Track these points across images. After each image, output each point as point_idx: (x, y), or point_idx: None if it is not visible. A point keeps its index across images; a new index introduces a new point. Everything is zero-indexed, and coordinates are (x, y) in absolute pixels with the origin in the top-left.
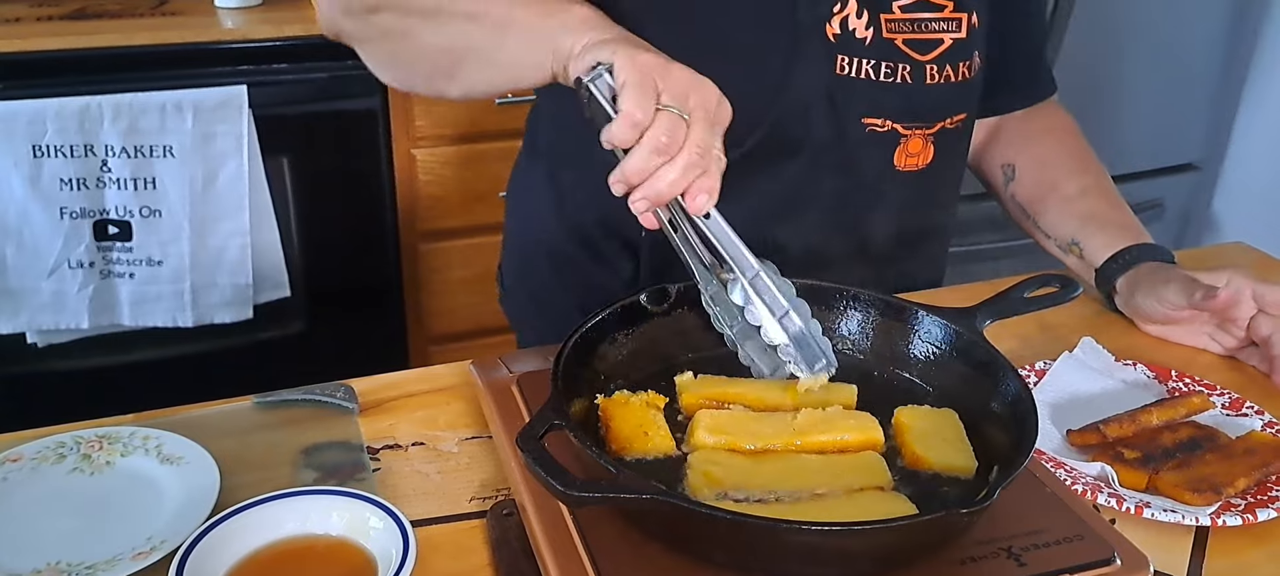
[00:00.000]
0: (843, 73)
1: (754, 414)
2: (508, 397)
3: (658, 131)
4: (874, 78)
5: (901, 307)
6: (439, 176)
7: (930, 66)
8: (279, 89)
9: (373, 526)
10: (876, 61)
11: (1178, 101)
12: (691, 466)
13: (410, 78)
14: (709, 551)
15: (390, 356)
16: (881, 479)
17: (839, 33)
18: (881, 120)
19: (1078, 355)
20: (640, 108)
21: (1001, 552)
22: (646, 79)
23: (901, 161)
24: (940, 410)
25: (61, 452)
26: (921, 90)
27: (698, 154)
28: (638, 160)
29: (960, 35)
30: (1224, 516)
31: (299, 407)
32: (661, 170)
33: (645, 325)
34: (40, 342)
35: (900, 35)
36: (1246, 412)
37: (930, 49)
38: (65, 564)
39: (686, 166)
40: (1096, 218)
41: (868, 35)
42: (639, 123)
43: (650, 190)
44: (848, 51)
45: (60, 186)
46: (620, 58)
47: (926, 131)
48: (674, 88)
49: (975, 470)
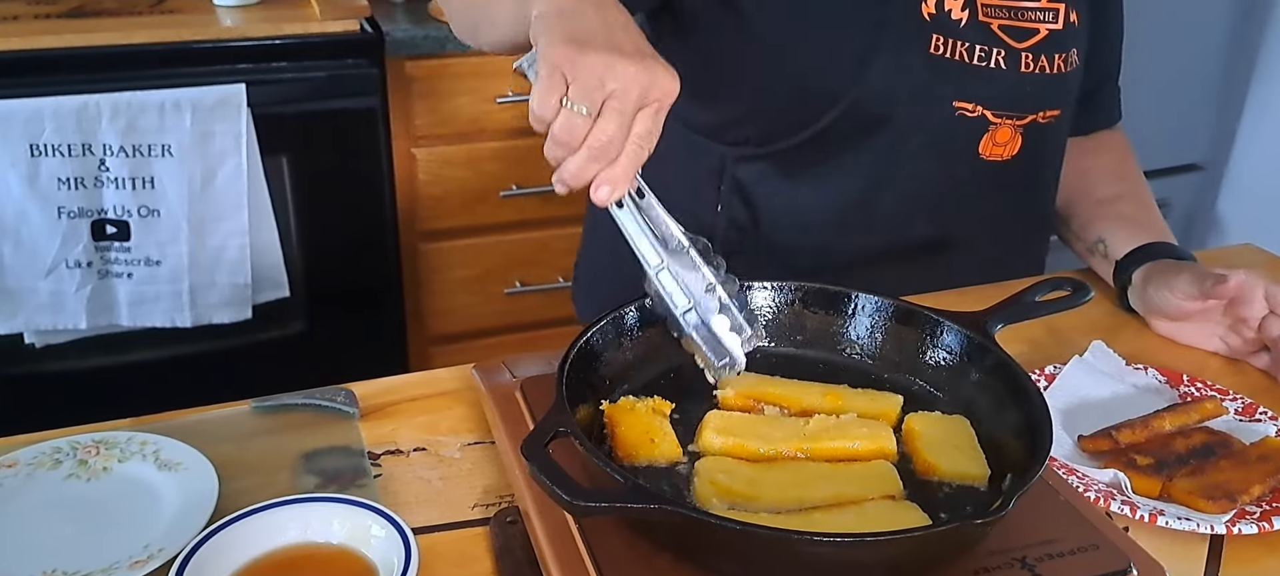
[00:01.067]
0: (937, 53)
1: (764, 417)
2: (511, 403)
3: (557, 128)
4: (968, 61)
5: (911, 312)
6: (439, 176)
7: (1026, 54)
8: (278, 88)
9: (374, 534)
10: (971, 44)
11: (1183, 102)
12: (698, 474)
13: (458, 31)
14: (718, 562)
15: (390, 357)
16: (892, 488)
17: (934, 12)
18: (972, 105)
19: (1088, 359)
20: (543, 104)
21: (1016, 563)
22: (554, 74)
23: (987, 150)
24: (952, 417)
25: (58, 458)
26: (1016, 78)
27: (599, 147)
28: (547, 149)
29: (1057, 27)
30: (1239, 524)
31: (298, 412)
32: (566, 162)
33: (651, 330)
34: (38, 343)
35: (996, 20)
36: (1260, 418)
37: (1026, 37)
38: (61, 572)
39: (586, 160)
40: (1124, 218)
41: (964, 17)
42: (543, 120)
43: (557, 177)
44: (943, 32)
45: (58, 186)
46: (539, 46)
47: (1017, 122)
48: (584, 79)
49: (988, 478)
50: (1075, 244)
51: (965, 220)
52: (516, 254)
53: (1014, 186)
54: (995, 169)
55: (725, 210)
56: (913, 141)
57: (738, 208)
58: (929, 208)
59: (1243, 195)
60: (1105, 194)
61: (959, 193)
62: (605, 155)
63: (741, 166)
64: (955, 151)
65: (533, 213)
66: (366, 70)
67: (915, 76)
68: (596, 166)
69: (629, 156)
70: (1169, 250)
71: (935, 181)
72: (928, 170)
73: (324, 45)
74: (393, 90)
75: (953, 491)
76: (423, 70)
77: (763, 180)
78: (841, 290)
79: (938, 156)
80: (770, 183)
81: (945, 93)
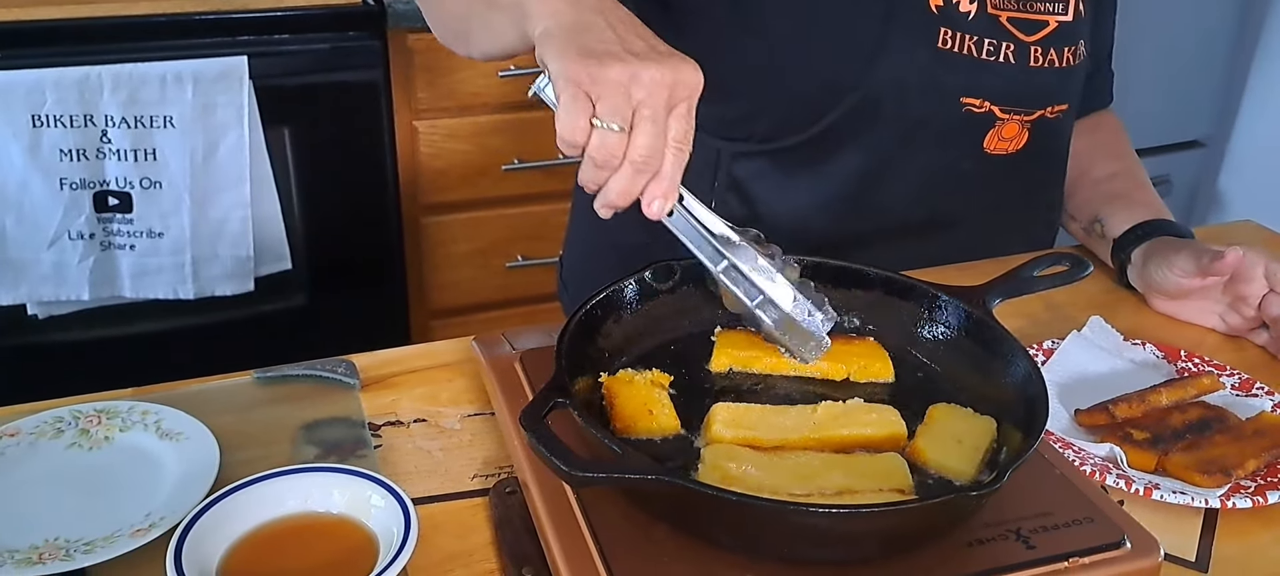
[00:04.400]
0: (945, 47)
1: (773, 408)
2: (511, 374)
3: (593, 149)
4: (976, 55)
5: (909, 286)
6: (441, 149)
7: (1035, 48)
8: (280, 60)
9: (374, 504)
10: (979, 38)
11: (1184, 78)
12: (705, 462)
13: (442, 37)
14: (714, 533)
15: (392, 329)
16: (902, 482)
17: (942, 4)
18: (979, 100)
19: (1086, 334)
20: (572, 129)
21: (1010, 534)
22: (577, 95)
23: (992, 145)
24: (980, 417)
25: (59, 427)
26: (1024, 72)
27: (642, 160)
28: (584, 174)
29: (1067, 18)
30: (1233, 498)
31: (300, 383)
32: (609, 182)
33: (650, 303)
34: (40, 314)
35: (1005, 12)
36: (1257, 393)
37: (1035, 30)
38: (63, 540)
39: (631, 177)
40: (1121, 196)
41: (972, 9)
42: (574, 144)
43: (604, 201)
44: (951, 25)
45: (60, 157)
46: (553, 68)
47: (1025, 117)
48: (610, 95)
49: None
50: (1071, 225)
51: (965, 211)
52: (518, 228)
53: (1018, 180)
54: (1000, 163)
55: (719, 206)
56: (917, 136)
57: (733, 204)
58: (928, 199)
59: (1244, 172)
60: (1100, 174)
61: (961, 186)
62: (649, 167)
63: (738, 162)
64: (960, 146)
65: (534, 186)
66: (369, 43)
67: (923, 70)
68: (643, 181)
69: (672, 163)
70: (1168, 227)
71: (937, 175)
72: (930, 164)
73: (326, 17)
74: (395, 63)
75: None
76: (425, 43)
77: (760, 176)
78: (843, 265)
79: (941, 151)
80: (768, 179)
81: (953, 87)
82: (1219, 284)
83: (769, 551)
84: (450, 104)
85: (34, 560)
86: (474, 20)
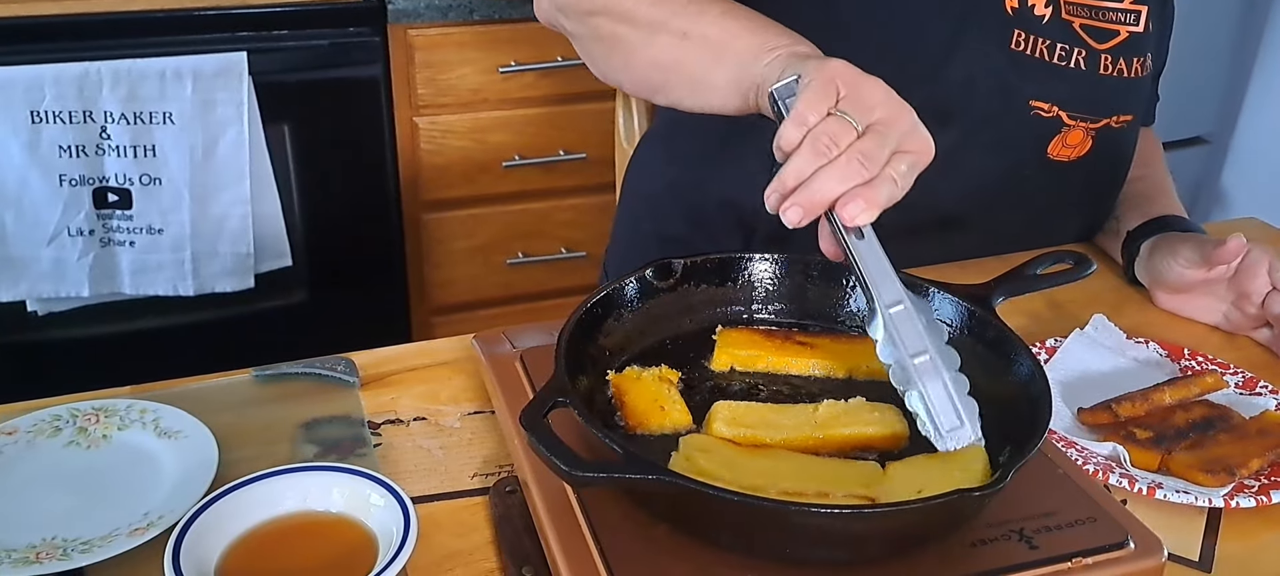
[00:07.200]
0: (1018, 49)
1: (774, 406)
2: (511, 373)
3: (820, 130)
4: (1048, 58)
5: (913, 284)
6: (441, 145)
7: (1105, 56)
8: (280, 56)
9: (374, 503)
10: (1052, 42)
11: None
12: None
13: (618, 81)
14: (716, 533)
15: (392, 326)
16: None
17: (1017, 6)
18: (1048, 105)
19: (1089, 332)
20: (811, 108)
21: (1013, 535)
22: (828, 84)
23: (1056, 151)
24: None
25: (57, 426)
26: (1094, 80)
27: (861, 160)
28: (796, 163)
29: (1137, 29)
30: (1237, 498)
31: (299, 381)
32: (818, 173)
33: (651, 301)
34: (40, 311)
35: (1078, 19)
36: (1260, 392)
37: (1107, 38)
38: (61, 540)
39: (845, 172)
40: (1139, 196)
41: (1047, 13)
42: (807, 123)
43: (804, 196)
44: (1025, 27)
45: (59, 153)
46: (810, 66)
47: (1091, 125)
48: (860, 98)
49: None
50: None
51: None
52: (518, 225)
53: (1077, 187)
54: (1061, 168)
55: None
56: (981, 137)
57: None
58: (983, 198)
59: (1247, 168)
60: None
61: (1020, 186)
62: (866, 170)
63: None
64: (1023, 150)
65: (535, 183)
66: (369, 38)
67: (994, 70)
68: (857, 177)
69: (886, 183)
70: (1179, 223)
71: (995, 177)
72: (990, 165)
73: (326, 13)
74: (395, 59)
75: None
76: (425, 39)
77: None
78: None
79: (1003, 154)
80: None
81: (1023, 89)
82: (1223, 279)
83: (770, 551)
84: (451, 100)
85: (31, 559)
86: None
